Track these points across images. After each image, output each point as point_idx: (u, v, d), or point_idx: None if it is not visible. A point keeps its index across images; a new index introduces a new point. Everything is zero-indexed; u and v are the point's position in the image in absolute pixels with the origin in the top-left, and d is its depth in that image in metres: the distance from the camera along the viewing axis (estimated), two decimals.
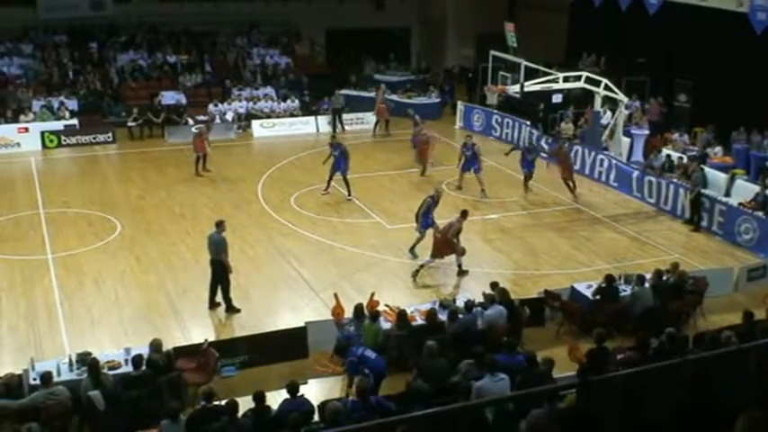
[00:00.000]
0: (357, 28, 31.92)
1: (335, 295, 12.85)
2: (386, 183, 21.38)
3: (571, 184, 20.18)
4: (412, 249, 16.34)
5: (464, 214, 15.67)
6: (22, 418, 9.87)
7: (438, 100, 29.11)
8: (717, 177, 20.08)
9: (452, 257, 15.62)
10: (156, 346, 11.16)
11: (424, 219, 16.14)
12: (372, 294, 12.91)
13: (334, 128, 26.51)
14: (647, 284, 13.68)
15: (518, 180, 21.76)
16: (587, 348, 11.40)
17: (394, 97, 29.04)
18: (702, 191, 18.63)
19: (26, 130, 24.66)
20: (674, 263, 14.57)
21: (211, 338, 12.00)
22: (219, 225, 14.26)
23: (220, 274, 14.02)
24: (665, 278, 13.92)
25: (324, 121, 27.12)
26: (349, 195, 19.84)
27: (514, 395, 9.22)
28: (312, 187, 20.77)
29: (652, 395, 7.27)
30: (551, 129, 24.42)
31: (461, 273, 15.55)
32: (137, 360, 10.91)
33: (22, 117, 25.23)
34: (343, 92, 29.02)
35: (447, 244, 15.44)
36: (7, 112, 25.39)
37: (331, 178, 20.10)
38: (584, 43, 28.02)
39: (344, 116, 27.30)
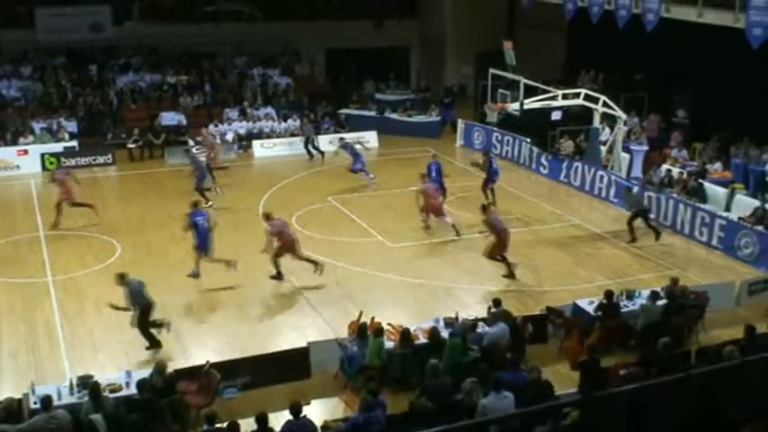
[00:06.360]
0: (356, 47, 32.06)
1: (361, 312, 13.10)
2: (388, 201, 21.34)
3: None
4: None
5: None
6: None
7: (438, 118, 29.18)
8: (716, 192, 20.09)
9: None
10: (160, 368, 11.12)
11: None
12: (361, 313, 13.05)
13: (310, 154, 26.10)
14: (658, 302, 13.60)
15: (518, 196, 21.81)
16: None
17: (394, 116, 29.19)
18: (643, 210, 18.50)
19: (26, 152, 24.73)
20: (673, 277, 14.56)
21: (213, 360, 11.94)
22: None
23: None
24: (660, 294, 13.89)
25: (325, 140, 27.18)
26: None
27: (518, 413, 9.18)
28: (313, 206, 20.78)
29: (656, 410, 7.24)
30: (551, 146, 24.46)
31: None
32: (141, 384, 10.86)
33: (21, 139, 25.31)
34: (344, 111, 29.20)
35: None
36: (7, 135, 25.47)
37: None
38: (582, 60, 28.11)
39: (345, 135, 27.38)
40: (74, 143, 25.60)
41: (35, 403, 10.56)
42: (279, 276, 16.12)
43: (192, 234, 16.10)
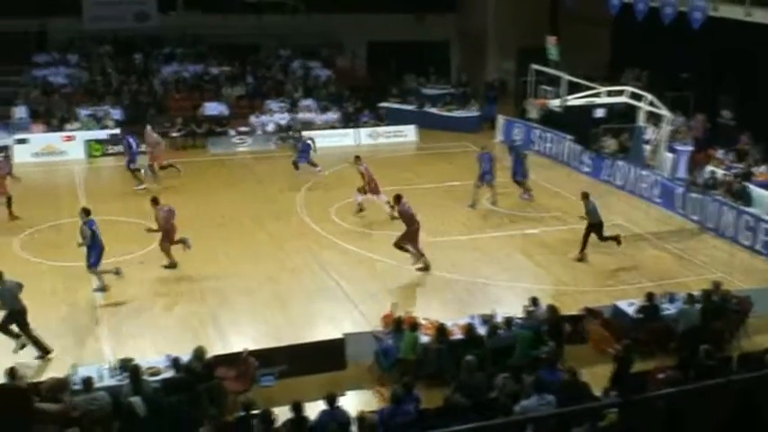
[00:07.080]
0: (398, 41, 32.02)
1: (393, 305, 13.17)
2: (425, 196, 21.28)
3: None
4: None
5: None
6: (64, 423, 10.03)
7: (478, 114, 29.07)
8: (762, 195, 19.70)
9: None
10: (199, 353, 11.27)
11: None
12: (393, 305, 13.13)
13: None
14: (697, 305, 13.40)
15: (559, 194, 21.64)
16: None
17: (434, 110, 29.16)
18: (598, 224, 17.31)
19: (71, 138, 25.15)
20: (715, 281, 14.31)
21: (250, 348, 12.06)
22: None
23: None
24: (696, 297, 13.68)
25: (364, 134, 27.32)
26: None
27: (555, 412, 9.12)
28: (350, 199, 20.78)
29: (695, 415, 7.15)
30: (593, 144, 24.20)
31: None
32: (176, 363, 11.06)
33: (67, 125, 25.76)
34: (384, 104, 29.22)
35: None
36: (53, 121, 25.95)
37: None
38: (627, 57, 27.77)
39: (384, 129, 27.59)
40: (118, 131, 25.97)
41: (76, 384, 10.77)
42: (172, 265, 16.26)
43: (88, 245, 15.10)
